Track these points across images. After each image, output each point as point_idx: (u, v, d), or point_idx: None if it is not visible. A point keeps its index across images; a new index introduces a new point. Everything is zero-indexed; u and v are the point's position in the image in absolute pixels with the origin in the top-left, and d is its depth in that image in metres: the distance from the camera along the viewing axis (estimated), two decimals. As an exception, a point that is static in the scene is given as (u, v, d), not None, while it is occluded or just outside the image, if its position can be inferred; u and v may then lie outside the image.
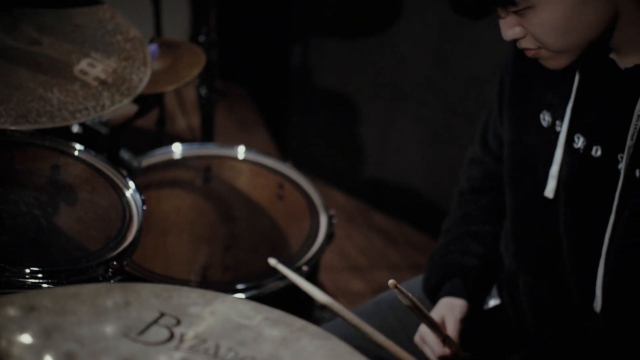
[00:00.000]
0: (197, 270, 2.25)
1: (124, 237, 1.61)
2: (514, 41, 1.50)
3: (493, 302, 1.70)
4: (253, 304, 1.04)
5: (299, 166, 2.23)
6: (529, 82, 1.51)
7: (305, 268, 1.91)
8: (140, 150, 2.22)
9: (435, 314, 1.59)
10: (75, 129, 2.23)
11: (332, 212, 2.07)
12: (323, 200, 2.09)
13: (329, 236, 2.03)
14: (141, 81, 1.84)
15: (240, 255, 2.22)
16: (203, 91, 2.52)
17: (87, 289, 1.02)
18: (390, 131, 3.11)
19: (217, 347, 0.95)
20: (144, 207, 1.69)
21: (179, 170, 2.20)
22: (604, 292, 1.42)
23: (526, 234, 1.57)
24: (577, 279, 1.47)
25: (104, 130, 2.16)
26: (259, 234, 2.20)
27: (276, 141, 3.49)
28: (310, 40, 3.17)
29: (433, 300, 1.65)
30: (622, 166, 1.35)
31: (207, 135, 2.61)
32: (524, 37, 1.32)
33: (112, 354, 0.92)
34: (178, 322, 0.98)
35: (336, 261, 3.01)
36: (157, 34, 2.72)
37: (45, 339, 0.92)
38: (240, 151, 2.19)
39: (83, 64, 1.84)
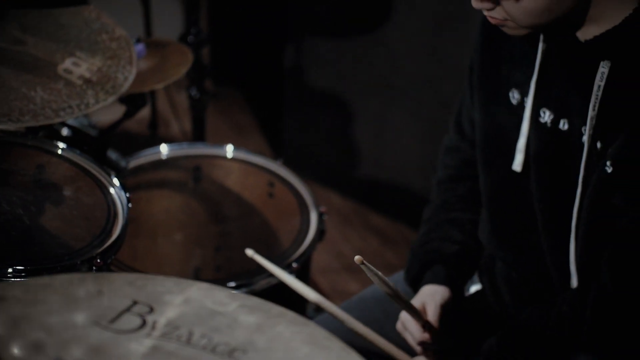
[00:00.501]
0: (188, 271, 2.23)
1: (109, 235, 1.59)
2: (482, 25, 1.50)
3: (474, 288, 1.68)
4: (229, 291, 1.02)
5: (295, 168, 2.21)
6: (497, 62, 1.51)
7: (295, 265, 1.88)
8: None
9: (416, 301, 1.58)
10: (65, 132, 2.21)
11: (323, 209, 2.05)
12: (314, 198, 2.07)
13: (320, 233, 2.01)
14: (126, 80, 1.83)
15: (232, 254, 2.20)
16: (193, 92, 2.51)
17: (60, 279, 1.00)
18: (385, 130, 3.09)
19: (190, 334, 0.93)
20: (129, 205, 1.67)
21: (169, 171, 2.18)
22: (577, 267, 1.42)
23: (501, 213, 1.58)
24: (552, 255, 1.47)
25: (93, 132, 2.15)
26: (250, 233, 2.18)
27: (271, 143, 3.47)
28: (304, 40, 3.15)
29: (415, 290, 1.63)
30: (585, 138, 1.35)
31: (198, 136, 2.59)
32: (493, 8, 1.31)
33: (81, 343, 0.89)
34: (151, 310, 0.96)
35: (332, 262, 2.99)
36: (148, 35, 2.70)
37: (13, 328, 0.90)
38: (229, 150, 2.17)
39: (67, 63, 1.83)
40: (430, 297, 1.58)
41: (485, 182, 1.59)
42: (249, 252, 1.56)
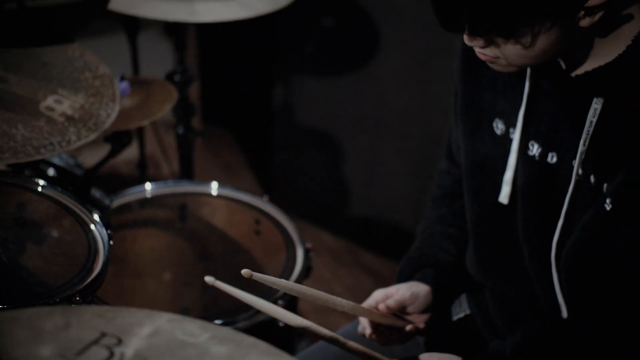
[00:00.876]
0: (176, 311, 2.19)
1: (89, 272, 1.57)
2: (462, 52, 1.48)
3: (462, 313, 1.65)
4: (201, 322, 0.99)
5: (285, 206, 2.18)
6: (480, 90, 1.49)
7: (280, 302, 1.86)
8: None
9: (393, 287, 1.58)
10: (51, 172, 2.20)
11: (309, 245, 2.02)
12: (300, 234, 2.05)
13: (307, 269, 1.98)
14: (109, 116, 1.82)
15: (219, 294, 2.17)
16: (180, 130, 2.50)
17: (28, 313, 0.98)
18: (375, 166, 3.08)
19: (159, 366, 0.90)
20: (111, 242, 1.65)
21: (154, 209, 2.16)
22: (565, 298, 1.41)
23: (488, 242, 1.57)
24: (540, 286, 1.44)
25: (79, 172, 2.13)
26: (237, 271, 2.15)
27: (261, 182, 3.46)
28: (292, 79, 3.15)
29: None
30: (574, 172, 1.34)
31: (186, 175, 2.58)
32: (487, 46, 1.28)
33: (46, 375, 0.87)
34: (119, 342, 0.93)
35: (325, 302, 2.96)
36: (135, 74, 2.70)
37: (-25, 361, 0.87)
38: (214, 187, 2.15)
39: (49, 101, 1.81)
40: (408, 285, 1.58)
41: (472, 212, 1.58)
42: (209, 279, 1.50)
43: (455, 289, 1.66)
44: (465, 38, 1.28)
